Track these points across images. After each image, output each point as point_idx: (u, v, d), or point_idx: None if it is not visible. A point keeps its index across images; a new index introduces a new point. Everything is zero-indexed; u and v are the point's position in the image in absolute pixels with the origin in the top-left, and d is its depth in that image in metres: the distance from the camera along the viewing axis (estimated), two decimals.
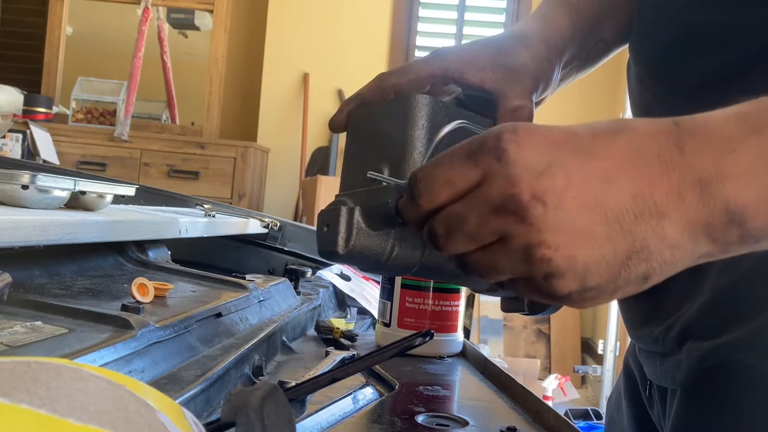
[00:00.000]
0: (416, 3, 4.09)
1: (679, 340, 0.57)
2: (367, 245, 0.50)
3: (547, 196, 0.39)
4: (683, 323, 0.57)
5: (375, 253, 0.50)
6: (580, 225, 0.39)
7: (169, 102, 4.19)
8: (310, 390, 0.54)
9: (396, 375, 0.70)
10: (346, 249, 0.49)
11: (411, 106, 0.52)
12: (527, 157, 0.39)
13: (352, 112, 0.59)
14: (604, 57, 0.71)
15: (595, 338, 3.66)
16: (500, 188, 0.40)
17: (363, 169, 0.53)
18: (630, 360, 0.72)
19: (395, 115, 0.53)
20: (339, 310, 1.13)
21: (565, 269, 0.39)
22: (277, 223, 1.27)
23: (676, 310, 0.58)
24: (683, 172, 0.38)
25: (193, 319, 0.63)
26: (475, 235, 0.41)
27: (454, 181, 0.42)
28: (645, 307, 0.63)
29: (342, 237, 0.49)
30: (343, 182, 0.57)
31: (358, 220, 0.49)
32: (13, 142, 3.41)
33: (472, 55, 0.61)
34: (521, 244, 0.40)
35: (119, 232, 0.77)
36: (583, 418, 2.90)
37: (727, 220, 0.38)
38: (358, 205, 0.50)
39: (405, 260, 0.51)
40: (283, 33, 4.09)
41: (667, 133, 0.40)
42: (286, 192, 4.06)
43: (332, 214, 0.50)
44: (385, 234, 0.50)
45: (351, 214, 0.49)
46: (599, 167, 0.39)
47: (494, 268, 0.42)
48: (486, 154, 0.40)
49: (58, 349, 0.46)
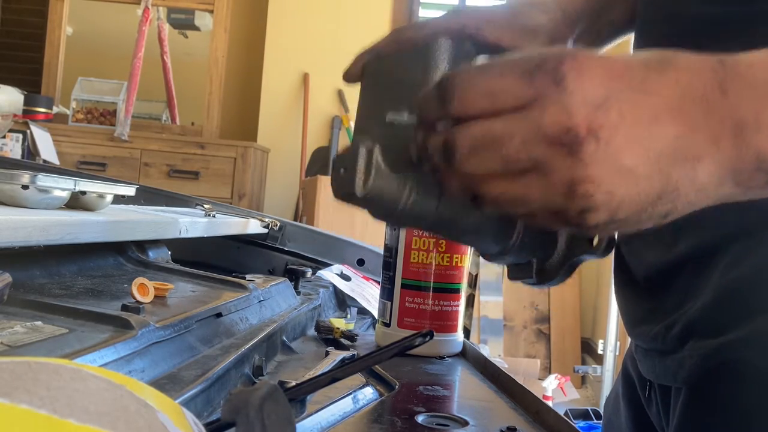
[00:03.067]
0: (416, 3, 4.09)
1: (681, 338, 0.57)
2: (386, 188, 0.47)
3: (601, 131, 0.37)
4: (685, 321, 0.57)
5: (392, 198, 0.47)
6: (626, 163, 0.38)
7: (169, 102, 4.19)
8: (310, 390, 0.54)
9: (396, 375, 0.70)
10: (365, 190, 0.46)
11: (432, 50, 0.51)
12: (586, 88, 0.38)
13: (367, 63, 0.59)
14: (613, 39, 0.72)
15: (595, 338, 3.66)
16: (555, 116, 0.38)
17: (379, 116, 0.51)
18: (628, 362, 0.72)
19: (416, 61, 0.52)
20: (339, 310, 1.13)
21: (601, 204, 0.39)
22: (277, 223, 1.27)
23: (677, 308, 0.58)
24: (723, 117, 0.38)
25: (193, 319, 0.63)
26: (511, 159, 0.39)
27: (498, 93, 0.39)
28: (645, 304, 0.63)
29: (360, 177, 0.46)
30: (356, 130, 0.55)
31: (377, 160, 0.46)
32: (13, 142, 3.41)
33: (489, 14, 0.62)
34: (565, 178, 0.38)
35: (119, 232, 0.77)
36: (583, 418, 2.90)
37: (756, 167, 0.38)
38: (376, 144, 0.47)
39: (420, 209, 0.48)
40: (283, 33, 4.09)
41: (713, 71, 0.39)
42: (286, 192, 4.06)
43: (350, 156, 0.47)
44: (404, 177, 0.47)
45: (370, 153, 0.46)
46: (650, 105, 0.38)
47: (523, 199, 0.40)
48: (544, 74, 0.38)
49: (58, 349, 0.46)
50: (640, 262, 0.64)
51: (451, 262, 0.85)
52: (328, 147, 4.00)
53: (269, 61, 4.10)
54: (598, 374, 3.24)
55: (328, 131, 4.01)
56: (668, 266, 0.59)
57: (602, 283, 3.68)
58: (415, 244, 0.85)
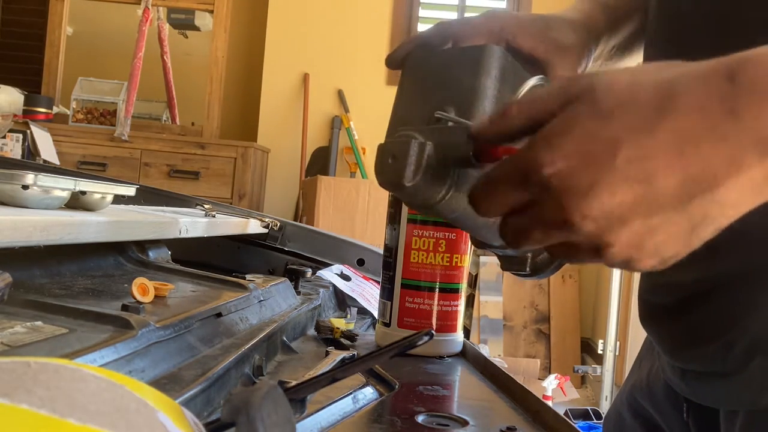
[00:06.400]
0: (416, 3, 4.09)
1: (745, 356, 0.55)
2: (429, 182, 0.49)
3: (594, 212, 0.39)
4: (748, 339, 0.54)
5: (433, 192, 0.49)
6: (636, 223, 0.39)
7: (170, 102, 4.19)
8: (310, 390, 0.54)
9: (396, 375, 0.70)
10: (413, 182, 0.48)
11: (486, 55, 0.52)
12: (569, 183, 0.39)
13: (412, 52, 0.59)
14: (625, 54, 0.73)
15: (595, 338, 3.66)
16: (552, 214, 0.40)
17: (424, 108, 0.52)
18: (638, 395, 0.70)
19: (467, 61, 0.53)
20: (339, 310, 1.13)
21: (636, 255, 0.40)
22: (277, 223, 1.27)
23: (731, 325, 0.56)
24: (741, 139, 0.37)
25: (194, 319, 0.63)
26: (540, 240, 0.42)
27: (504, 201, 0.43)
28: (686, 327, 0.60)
29: (411, 170, 0.48)
30: (397, 118, 0.56)
31: (429, 155, 0.48)
32: (13, 142, 3.41)
33: (526, 23, 0.63)
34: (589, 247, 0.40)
35: (119, 232, 0.77)
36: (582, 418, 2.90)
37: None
38: (428, 140, 0.48)
39: (455, 203, 0.50)
40: (283, 33, 4.09)
41: (720, 99, 0.37)
42: (286, 192, 4.06)
43: (401, 146, 0.48)
44: (446, 174, 0.49)
45: (422, 148, 0.48)
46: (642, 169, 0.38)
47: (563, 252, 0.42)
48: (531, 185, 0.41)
49: (58, 349, 0.46)
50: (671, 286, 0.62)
51: (451, 262, 0.85)
52: (328, 147, 4.00)
53: (269, 61, 4.10)
54: (598, 374, 3.24)
55: (328, 131, 4.01)
56: (707, 285, 0.58)
57: (602, 283, 3.68)
58: (415, 244, 0.85)
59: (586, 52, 0.65)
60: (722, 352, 0.56)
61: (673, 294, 0.61)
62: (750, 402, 0.55)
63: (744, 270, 0.55)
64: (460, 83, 0.53)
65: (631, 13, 0.71)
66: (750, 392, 0.54)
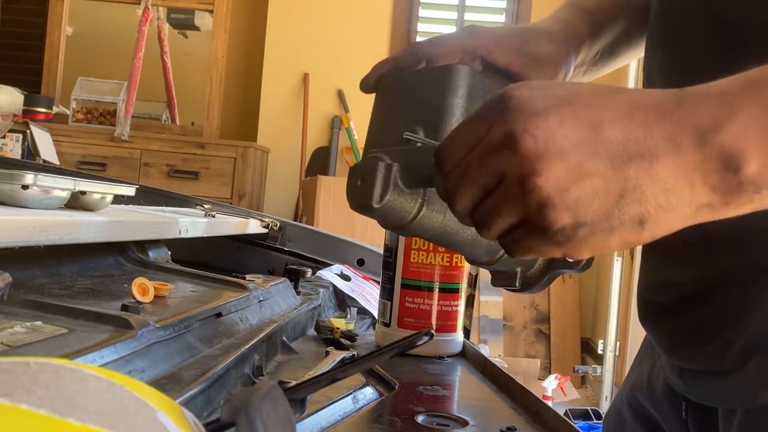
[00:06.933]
0: (416, 3, 4.09)
1: (743, 356, 0.54)
2: (399, 202, 0.50)
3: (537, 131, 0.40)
4: (747, 338, 0.54)
5: (404, 211, 0.51)
6: (571, 159, 0.40)
7: (169, 102, 4.19)
8: (310, 390, 0.54)
9: (396, 375, 0.70)
10: (381, 203, 0.49)
11: (452, 75, 0.54)
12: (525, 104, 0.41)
13: (384, 75, 0.60)
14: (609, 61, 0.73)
15: (595, 338, 3.66)
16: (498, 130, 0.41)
17: (395, 129, 0.54)
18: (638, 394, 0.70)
19: (434, 81, 0.54)
20: (339, 310, 1.13)
21: (556, 199, 0.40)
22: (277, 223, 1.27)
23: (731, 323, 0.56)
24: (680, 121, 0.40)
25: (193, 319, 0.63)
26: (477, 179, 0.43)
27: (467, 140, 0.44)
28: (686, 324, 0.60)
29: (378, 191, 0.49)
30: (371, 140, 0.57)
31: (395, 176, 0.50)
32: (13, 142, 3.41)
33: (501, 38, 0.64)
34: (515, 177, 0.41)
35: (119, 232, 0.77)
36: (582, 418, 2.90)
37: (723, 165, 0.39)
38: (395, 162, 0.50)
39: (428, 222, 0.52)
40: (283, 33, 4.09)
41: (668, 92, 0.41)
42: (286, 192, 4.06)
43: (369, 169, 0.50)
44: (416, 193, 0.51)
45: (389, 169, 0.50)
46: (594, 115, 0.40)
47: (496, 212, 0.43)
48: (492, 109, 0.43)
49: (58, 349, 0.46)
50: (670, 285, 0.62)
51: (451, 262, 0.85)
52: (328, 147, 4.00)
53: (269, 61, 4.10)
54: (598, 374, 3.24)
55: (328, 131, 4.01)
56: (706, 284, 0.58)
57: (602, 283, 3.68)
58: (415, 244, 0.85)
59: (565, 62, 0.65)
60: (721, 351, 0.56)
61: (673, 293, 0.61)
62: (748, 401, 0.55)
63: (743, 270, 0.55)
64: (429, 103, 0.54)
65: (615, 17, 0.70)
66: (748, 391, 0.54)
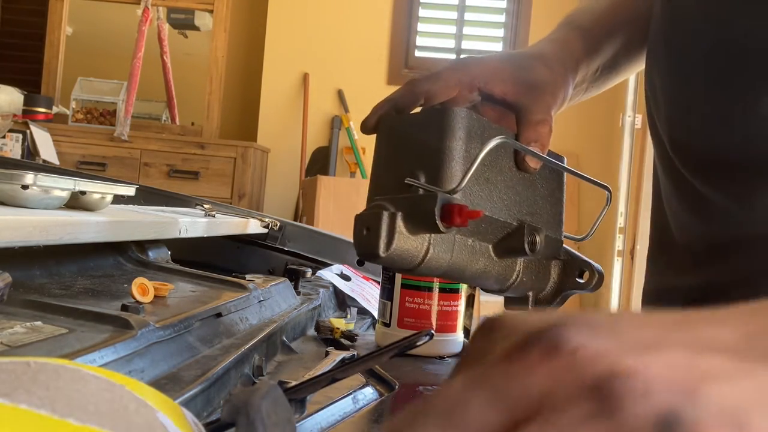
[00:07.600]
0: (416, 3, 4.09)
1: None
2: (405, 249, 0.51)
3: None
4: None
5: (411, 257, 0.52)
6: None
7: (169, 102, 4.19)
8: (310, 390, 0.54)
9: (396, 375, 0.70)
10: (387, 252, 0.51)
11: (449, 118, 0.54)
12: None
13: (383, 116, 0.60)
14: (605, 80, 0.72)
15: None
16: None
17: (396, 174, 0.55)
18: None
19: (432, 125, 0.55)
20: (339, 310, 1.13)
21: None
22: (277, 223, 1.27)
23: None
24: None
25: (193, 319, 0.63)
26: None
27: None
28: None
29: (383, 241, 0.51)
30: (374, 185, 0.58)
31: (399, 225, 0.51)
32: (13, 142, 3.41)
33: (496, 67, 0.63)
34: None
35: (119, 232, 0.77)
36: None
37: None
38: (399, 210, 0.51)
39: (436, 263, 0.53)
40: (283, 33, 4.09)
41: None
42: (286, 192, 4.06)
43: (373, 218, 0.51)
44: (422, 238, 0.52)
45: (393, 218, 0.51)
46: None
47: None
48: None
49: (58, 349, 0.46)
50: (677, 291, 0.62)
51: None
52: (328, 147, 4.00)
53: (269, 61, 4.10)
54: None
55: (328, 131, 4.01)
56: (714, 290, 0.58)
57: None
58: None
59: (563, 85, 0.64)
60: None
61: (677, 299, 0.61)
62: None
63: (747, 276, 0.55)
64: (428, 148, 0.54)
65: (613, 32, 0.70)
66: None
